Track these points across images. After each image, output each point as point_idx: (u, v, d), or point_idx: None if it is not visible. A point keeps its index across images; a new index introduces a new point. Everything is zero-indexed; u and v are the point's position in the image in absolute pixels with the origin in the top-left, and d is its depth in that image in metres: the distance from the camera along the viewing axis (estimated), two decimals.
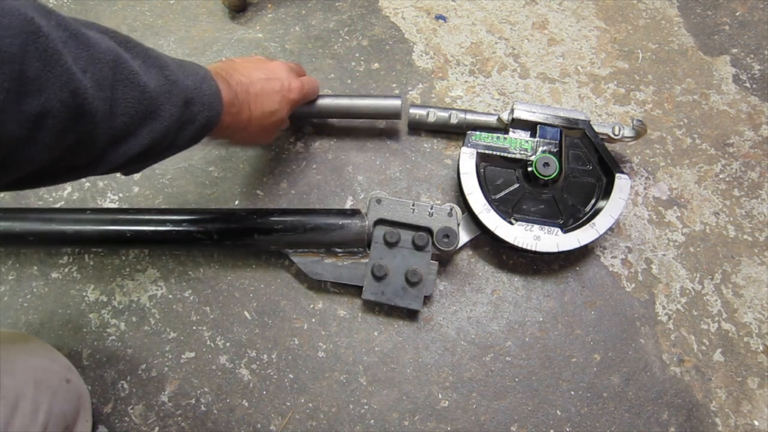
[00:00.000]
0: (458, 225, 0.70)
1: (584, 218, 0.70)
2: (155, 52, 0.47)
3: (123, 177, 0.80)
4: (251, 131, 0.63)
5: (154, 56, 0.47)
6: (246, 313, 0.74)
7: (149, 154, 0.48)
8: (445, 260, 0.75)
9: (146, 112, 0.44)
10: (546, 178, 0.70)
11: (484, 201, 0.69)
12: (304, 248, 0.71)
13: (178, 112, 0.47)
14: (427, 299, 0.73)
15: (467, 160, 0.71)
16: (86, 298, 0.75)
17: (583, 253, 0.76)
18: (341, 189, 0.79)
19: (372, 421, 0.69)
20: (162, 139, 0.47)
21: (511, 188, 0.73)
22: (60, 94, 0.36)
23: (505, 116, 0.74)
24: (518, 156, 0.72)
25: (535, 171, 0.70)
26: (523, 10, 0.90)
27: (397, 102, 0.74)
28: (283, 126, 0.71)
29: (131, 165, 0.48)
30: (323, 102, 0.75)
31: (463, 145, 0.72)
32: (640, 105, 0.83)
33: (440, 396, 0.70)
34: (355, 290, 0.73)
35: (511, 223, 0.69)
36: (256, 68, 0.63)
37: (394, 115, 0.76)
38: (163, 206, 0.79)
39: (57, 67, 0.36)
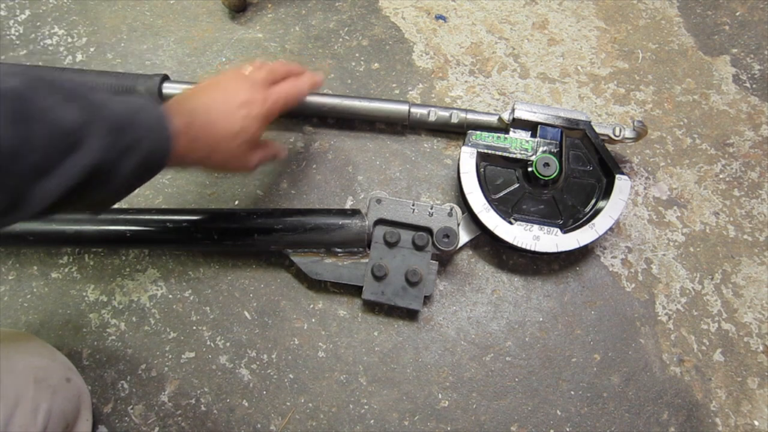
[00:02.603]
0: (458, 225, 0.70)
1: (584, 219, 0.70)
2: (81, 86, 0.46)
3: None
4: (221, 157, 0.60)
5: (77, 90, 0.45)
6: (246, 313, 0.74)
7: (90, 188, 0.46)
8: (445, 260, 0.75)
9: (67, 145, 0.42)
10: (546, 179, 0.70)
11: (484, 200, 0.69)
12: (304, 248, 0.71)
13: (105, 142, 0.45)
14: (427, 299, 0.73)
15: (467, 159, 0.71)
16: (86, 298, 0.75)
17: (583, 253, 0.76)
18: (341, 189, 0.79)
19: (372, 421, 0.69)
20: (96, 171, 0.44)
21: (511, 188, 0.73)
22: None
23: (505, 116, 0.74)
24: (518, 156, 0.72)
25: (535, 171, 0.70)
26: (523, 10, 0.90)
27: (403, 107, 0.77)
28: (264, 158, 0.68)
29: (73, 202, 0.46)
30: (331, 101, 0.77)
31: (463, 145, 0.72)
32: (640, 105, 0.83)
33: (440, 396, 0.70)
34: (355, 290, 0.73)
35: (511, 223, 0.69)
36: (212, 90, 0.60)
37: (400, 119, 0.78)
38: (163, 206, 0.79)
39: None
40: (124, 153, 0.47)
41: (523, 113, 0.73)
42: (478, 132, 0.74)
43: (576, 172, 0.73)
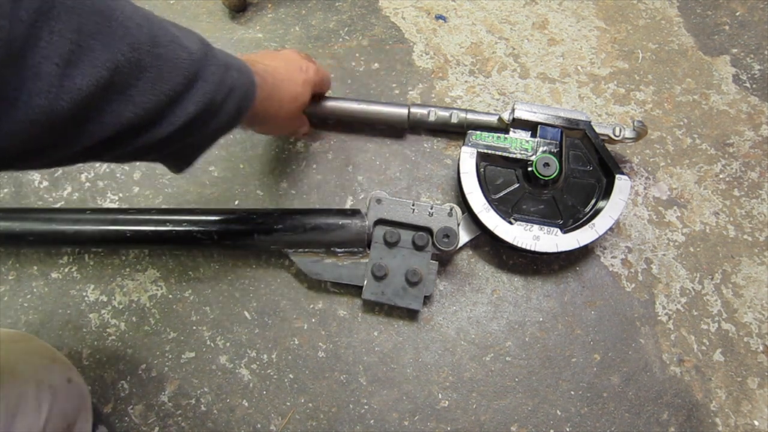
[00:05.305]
0: (458, 225, 0.70)
1: (584, 219, 0.70)
2: (181, 25, 0.48)
3: (123, 177, 0.80)
4: (284, 116, 0.64)
5: (183, 27, 0.47)
6: (246, 313, 0.74)
7: (203, 121, 0.47)
8: (445, 260, 0.75)
9: (194, 73, 0.44)
10: (546, 179, 0.70)
11: (484, 200, 0.69)
12: (304, 248, 0.71)
13: (220, 73, 0.46)
14: (427, 299, 0.73)
15: (467, 159, 0.71)
16: (86, 298, 0.75)
17: (583, 253, 0.76)
18: (341, 189, 0.79)
19: (372, 421, 0.69)
20: (212, 101, 0.46)
21: (511, 188, 0.73)
22: (121, 48, 0.36)
23: (506, 116, 0.74)
24: (518, 156, 0.72)
25: (535, 171, 0.70)
26: (523, 10, 0.90)
27: (403, 111, 0.77)
28: (305, 126, 0.74)
29: (184, 135, 0.46)
30: (332, 104, 0.77)
31: (463, 145, 0.72)
32: (640, 105, 0.83)
33: (440, 396, 0.70)
34: (355, 290, 0.73)
35: (511, 223, 0.69)
36: (272, 57, 0.64)
37: (400, 123, 0.78)
38: (163, 206, 0.79)
39: (113, 21, 0.36)
40: (229, 91, 0.48)
41: (523, 113, 0.73)
42: (478, 132, 0.74)
43: (576, 172, 0.73)
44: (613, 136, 0.72)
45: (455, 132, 0.80)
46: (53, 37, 0.32)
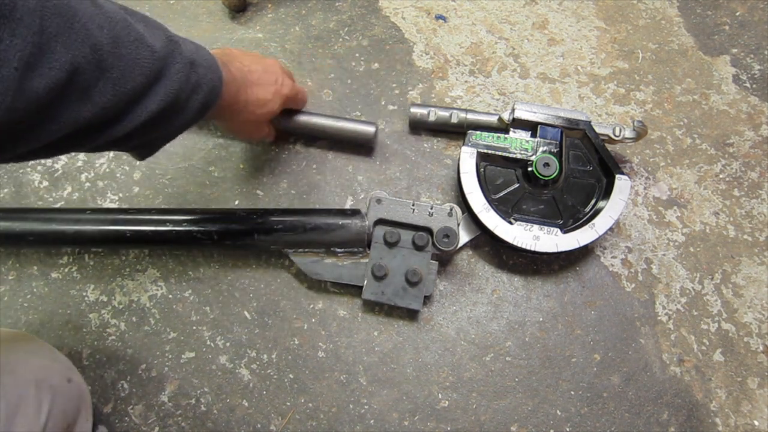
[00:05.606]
0: (458, 225, 0.70)
1: (584, 219, 0.70)
2: (152, 19, 0.48)
3: (123, 177, 0.80)
4: (245, 118, 0.65)
5: (152, 21, 0.47)
6: (246, 313, 0.74)
7: (165, 118, 0.47)
8: (445, 260, 0.75)
9: (157, 72, 0.44)
10: (546, 179, 0.70)
11: (484, 200, 0.69)
12: (304, 248, 0.71)
13: (185, 71, 0.47)
14: (427, 299, 0.73)
15: (467, 159, 0.71)
16: (86, 298, 0.75)
17: (583, 253, 0.76)
18: (341, 189, 0.79)
19: (372, 421, 0.69)
20: (176, 99, 0.47)
21: (511, 188, 0.73)
22: (83, 50, 0.36)
23: (506, 116, 0.74)
24: (518, 156, 0.72)
25: (535, 171, 0.70)
26: (523, 10, 0.90)
27: (371, 128, 0.76)
28: (269, 134, 0.75)
29: (148, 131, 0.47)
30: (301, 118, 0.76)
31: (463, 145, 0.72)
32: (640, 105, 0.83)
33: (440, 396, 0.70)
34: (355, 290, 0.73)
35: (511, 223, 0.69)
36: (253, 60, 0.66)
37: (366, 140, 0.77)
38: (163, 206, 0.79)
39: (75, 23, 0.36)
40: (195, 87, 0.49)
41: (523, 113, 0.73)
42: (478, 132, 0.74)
43: (576, 172, 0.73)
44: (613, 136, 0.72)
45: (455, 132, 0.80)
46: (14, 39, 0.32)
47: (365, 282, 0.70)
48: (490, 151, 0.72)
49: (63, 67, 0.35)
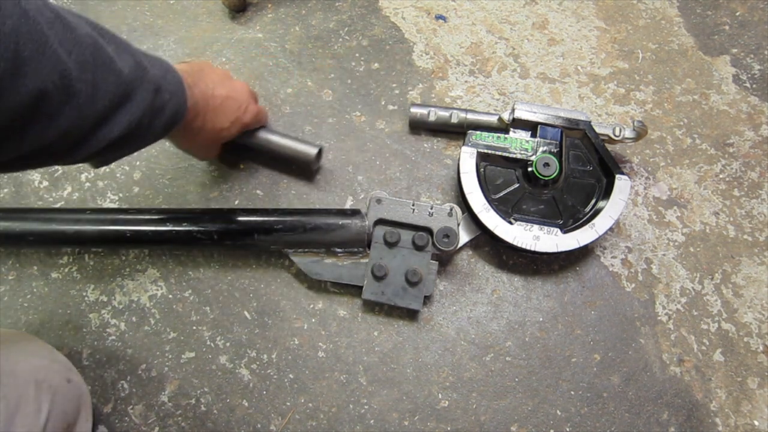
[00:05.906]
0: (458, 225, 0.70)
1: (584, 219, 0.70)
2: (124, 40, 0.48)
3: (123, 177, 0.80)
4: (198, 141, 0.66)
5: (123, 43, 0.47)
6: (246, 313, 0.74)
7: (126, 141, 0.48)
8: (445, 260, 0.75)
9: (123, 96, 0.45)
10: (546, 179, 0.70)
11: (484, 200, 0.69)
12: (304, 248, 0.71)
13: (150, 97, 0.48)
14: (427, 299, 0.73)
15: (467, 159, 0.71)
16: (86, 298, 0.75)
17: (583, 253, 0.76)
18: (341, 189, 0.79)
19: (372, 421, 0.69)
20: (138, 124, 0.47)
21: (511, 188, 0.73)
22: (52, 76, 0.37)
23: (506, 116, 0.74)
24: (518, 156, 0.72)
25: (535, 171, 0.70)
26: (523, 10, 0.90)
27: (312, 150, 0.73)
28: (216, 155, 0.75)
29: (109, 152, 0.48)
30: (262, 135, 0.74)
31: (463, 145, 0.72)
32: (640, 105, 0.83)
33: (440, 396, 0.70)
34: (355, 290, 0.73)
35: (511, 223, 0.69)
36: (221, 83, 0.65)
37: (306, 163, 0.74)
38: (163, 206, 0.79)
39: (47, 48, 0.36)
40: (158, 111, 0.50)
41: (523, 113, 0.73)
42: (478, 132, 0.74)
43: (576, 172, 0.73)
44: (613, 136, 0.72)
45: (455, 132, 0.80)
46: None
47: (365, 282, 0.70)
48: (490, 151, 0.72)
49: (31, 93, 0.36)
